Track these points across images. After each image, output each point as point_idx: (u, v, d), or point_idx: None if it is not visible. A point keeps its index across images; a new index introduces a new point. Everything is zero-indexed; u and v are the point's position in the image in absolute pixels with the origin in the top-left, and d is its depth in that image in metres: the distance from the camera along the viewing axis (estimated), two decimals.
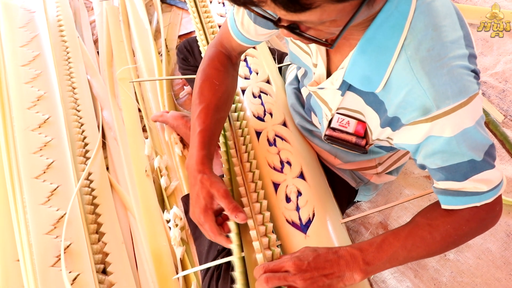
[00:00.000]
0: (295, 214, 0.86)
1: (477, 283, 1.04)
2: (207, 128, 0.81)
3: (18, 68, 1.39)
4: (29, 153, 1.21)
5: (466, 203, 0.67)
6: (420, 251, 0.70)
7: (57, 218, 1.12)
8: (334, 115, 0.76)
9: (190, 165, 0.78)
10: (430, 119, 0.59)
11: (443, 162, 0.64)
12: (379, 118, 0.68)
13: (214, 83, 0.85)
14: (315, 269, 0.67)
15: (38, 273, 1.02)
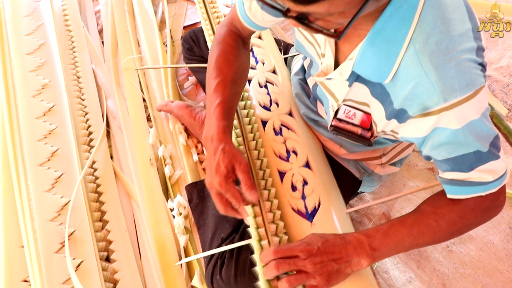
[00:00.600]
0: (301, 203, 0.85)
1: (479, 275, 1.04)
2: (225, 100, 0.80)
3: (23, 57, 1.38)
4: (34, 141, 1.20)
5: (471, 193, 0.67)
6: (426, 238, 0.70)
7: (61, 205, 1.12)
8: (340, 106, 0.76)
9: (210, 135, 0.76)
10: (437, 112, 0.59)
11: (449, 154, 0.64)
12: (384, 110, 0.68)
13: (229, 57, 0.85)
14: (325, 253, 0.67)
15: (42, 259, 1.01)
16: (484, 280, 1.03)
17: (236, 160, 0.74)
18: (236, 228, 0.94)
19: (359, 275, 0.73)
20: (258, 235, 0.76)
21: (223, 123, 0.77)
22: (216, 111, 0.78)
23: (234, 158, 0.74)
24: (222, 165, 0.72)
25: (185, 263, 1.08)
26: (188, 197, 1.15)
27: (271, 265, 0.68)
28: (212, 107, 0.79)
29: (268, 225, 0.78)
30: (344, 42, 0.69)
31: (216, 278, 0.90)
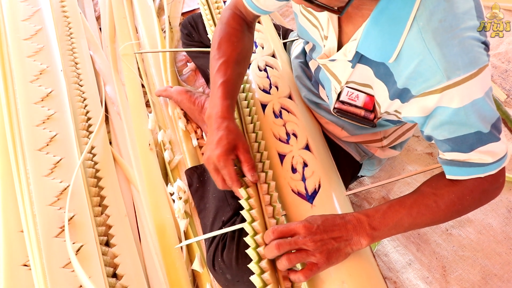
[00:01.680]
0: (301, 184, 0.85)
1: (478, 257, 1.04)
2: (229, 80, 0.80)
3: (20, 42, 1.36)
4: (32, 126, 1.19)
5: (470, 174, 0.67)
6: (425, 218, 0.70)
7: (60, 190, 1.10)
8: (343, 89, 0.75)
9: (214, 114, 0.76)
10: (440, 90, 0.58)
11: (450, 134, 0.63)
12: (387, 90, 0.67)
13: (232, 39, 0.85)
14: (324, 232, 0.66)
15: (42, 244, 1.00)
16: (483, 263, 1.03)
17: (240, 139, 0.74)
18: (237, 211, 0.94)
19: (359, 257, 0.73)
20: (251, 217, 0.74)
21: (226, 102, 0.77)
22: (220, 90, 0.78)
23: (238, 137, 0.74)
24: (225, 141, 0.72)
25: (186, 247, 1.08)
26: (188, 181, 1.14)
27: (272, 245, 0.67)
28: (215, 86, 0.79)
29: (265, 207, 0.77)
30: (348, 23, 0.68)
31: (218, 260, 0.89)
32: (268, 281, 0.66)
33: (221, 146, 0.72)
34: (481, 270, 1.03)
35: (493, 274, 1.02)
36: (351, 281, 0.68)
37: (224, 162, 0.71)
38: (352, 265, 0.70)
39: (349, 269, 0.70)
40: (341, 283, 0.68)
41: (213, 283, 1.03)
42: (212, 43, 0.87)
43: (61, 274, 0.98)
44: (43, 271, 0.97)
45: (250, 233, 0.72)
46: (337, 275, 0.69)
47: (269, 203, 0.79)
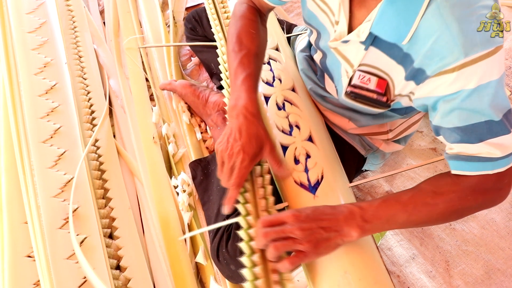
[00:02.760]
0: (304, 175, 0.84)
1: (482, 252, 1.04)
2: (252, 73, 0.79)
3: (24, 35, 1.35)
4: (37, 118, 1.18)
5: (478, 170, 0.64)
6: (421, 216, 0.67)
7: (64, 182, 1.10)
8: (355, 72, 0.74)
9: (241, 106, 0.74)
10: (457, 68, 0.57)
11: (460, 121, 0.62)
12: (404, 70, 0.66)
13: (250, 31, 0.84)
14: (314, 220, 0.64)
15: (46, 235, 1.00)
16: (486, 257, 1.03)
17: (267, 140, 0.73)
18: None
19: (361, 247, 0.72)
20: (246, 211, 0.73)
21: (254, 96, 0.76)
22: (246, 84, 0.76)
23: (266, 137, 0.73)
24: (254, 143, 0.71)
25: (189, 240, 1.07)
26: (192, 174, 1.14)
27: (260, 234, 0.65)
28: (238, 79, 0.77)
29: (259, 201, 0.76)
30: (360, 8, 0.67)
31: (222, 251, 0.89)
32: (259, 275, 0.64)
33: (249, 148, 0.71)
34: (484, 264, 1.02)
35: (496, 269, 1.02)
36: (353, 271, 0.67)
37: (245, 169, 0.71)
38: (355, 255, 0.70)
39: (352, 259, 0.69)
40: (343, 273, 0.67)
41: (217, 275, 1.03)
42: (229, 36, 0.85)
43: (65, 265, 0.98)
44: (47, 262, 0.96)
45: (244, 227, 0.71)
46: (339, 265, 0.68)
47: (263, 196, 0.78)
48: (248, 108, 0.73)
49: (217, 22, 1.18)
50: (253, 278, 0.63)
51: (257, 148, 0.71)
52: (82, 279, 0.97)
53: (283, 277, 0.65)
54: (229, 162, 0.71)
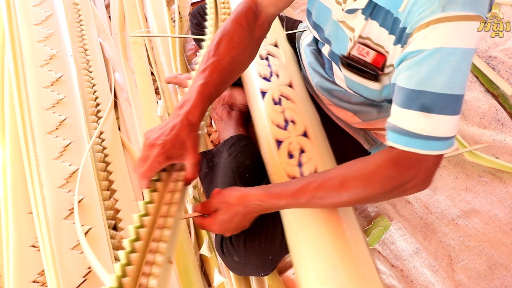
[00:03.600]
0: (297, 170, 0.84)
1: (484, 247, 1.04)
2: (211, 83, 0.74)
3: (30, 27, 1.35)
4: (42, 109, 1.18)
5: (408, 145, 0.60)
6: (325, 204, 0.69)
7: (69, 173, 1.10)
8: (355, 44, 0.73)
9: (183, 112, 0.71)
10: (431, 23, 0.56)
11: (410, 83, 0.59)
12: (394, 37, 0.66)
13: (233, 39, 0.79)
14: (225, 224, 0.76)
15: (51, 225, 1.00)
16: (489, 253, 1.03)
17: (192, 153, 0.70)
18: None
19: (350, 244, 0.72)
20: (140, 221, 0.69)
21: (201, 106, 0.72)
22: (199, 91, 0.73)
23: (193, 148, 0.70)
24: (177, 147, 0.69)
25: (194, 232, 1.07)
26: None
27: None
28: (197, 83, 0.74)
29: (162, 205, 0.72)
30: None
31: (226, 243, 0.89)
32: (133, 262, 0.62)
33: (170, 147, 0.68)
34: (487, 259, 1.03)
35: (499, 264, 1.02)
36: (343, 267, 0.68)
37: (158, 163, 0.68)
38: (345, 252, 0.70)
39: (342, 256, 0.70)
40: (333, 268, 0.68)
41: (221, 267, 1.02)
42: (214, 37, 0.81)
43: (70, 255, 0.98)
44: (52, 252, 0.96)
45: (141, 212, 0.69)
46: (329, 260, 0.69)
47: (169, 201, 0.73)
48: (189, 115, 0.71)
49: (213, 17, 1.16)
50: (126, 263, 0.61)
51: (176, 152, 0.69)
52: (87, 269, 0.97)
53: (152, 271, 0.63)
54: (146, 151, 0.70)
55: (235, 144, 1.10)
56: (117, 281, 0.58)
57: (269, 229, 0.87)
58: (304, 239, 0.74)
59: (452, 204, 1.10)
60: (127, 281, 0.59)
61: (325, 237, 0.72)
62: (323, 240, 0.72)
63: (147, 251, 0.65)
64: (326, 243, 0.71)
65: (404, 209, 1.11)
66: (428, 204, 1.11)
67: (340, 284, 0.66)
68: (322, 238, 0.72)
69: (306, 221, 0.75)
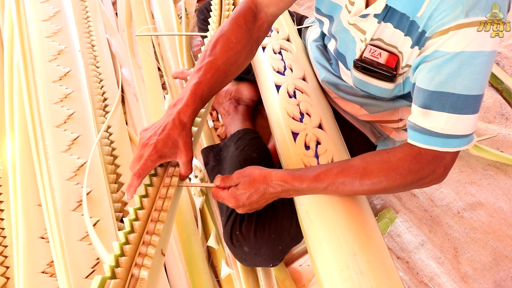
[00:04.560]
0: (314, 160, 0.84)
1: (490, 239, 1.04)
2: (204, 82, 0.74)
3: (39, 23, 1.35)
4: (51, 103, 1.18)
5: (428, 143, 0.63)
6: (346, 191, 0.70)
7: (77, 165, 1.10)
8: (367, 46, 0.74)
9: (176, 110, 0.71)
10: (452, 28, 0.57)
11: (431, 85, 0.61)
12: (411, 39, 0.66)
13: (230, 39, 0.78)
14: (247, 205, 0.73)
15: (60, 217, 1.00)
16: (494, 245, 1.03)
17: (186, 151, 0.70)
18: None
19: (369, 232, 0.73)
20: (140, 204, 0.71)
21: (194, 106, 0.72)
22: (193, 90, 0.73)
23: (185, 147, 0.70)
24: (169, 146, 0.69)
25: (201, 224, 1.07)
26: (204, 160, 1.14)
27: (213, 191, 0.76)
28: (192, 81, 0.74)
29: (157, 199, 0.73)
30: None
31: (236, 233, 0.89)
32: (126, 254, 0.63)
33: (162, 147, 0.68)
34: (492, 252, 1.02)
35: (504, 256, 1.02)
36: (362, 254, 0.69)
37: (151, 162, 0.68)
38: (363, 239, 0.71)
39: (360, 243, 0.70)
40: (352, 255, 0.68)
41: (228, 259, 1.02)
42: (212, 36, 0.81)
43: (78, 246, 0.98)
44: (61, 244, 0.96)
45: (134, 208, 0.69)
46: (349, 247, 0.70)
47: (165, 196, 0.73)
48: (181, 114, 0.71)
49: (216, 13, 1.16)
50: (120, 254, 0.62)
51: (169, 151, 0.69)
52: (95, 260, 0.97)
53: (144, 263, 0.63)
54: (140, 150, 0.70)
55: (242, 137, 1.10)
56: (111, 271, 0.59)
57: (279, 219, 0.87)
58: (322, 226, 0.75)
59: (457, 197, 1.10)
60: (120, 272, 0.60)
61: (343, 224, 0.73)
62: (342, 227, 0.72)
63: (141, 243, 0.65)
64: (344, 230, 0.72)
65: (410, 201, 1.11)
66: (434, 197, 1.11)
67: (360, 270, 0.67)
68: (341, 226, 0.72)
69: (324, 209, 0.76)
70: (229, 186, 0.74)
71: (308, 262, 1.02)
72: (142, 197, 0.70)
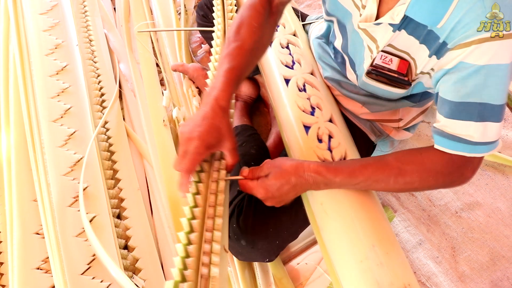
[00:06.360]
0: (328, 153, 0.83)
1: (487, 239, 1.03)
2: (236, 67, 0.74)
3: (36, 16, 1.33)
4: (48, 98, 1.17)
5: (456, 149, 0.64)
6: (378, 187, 0.71)
7: (74, 161, 1.08)
8: (378, 53, 0.73)
9: (213, 96, 0.70)
10: (476, 42, 0.57)
11: (456, 96, 0.62)
12: (427, 48, 0.66)
13: (252, 24, 0.78)
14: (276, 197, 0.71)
15: (56, 212, 0.98)
16: (491, 245, 1.03)
17: (229, 137, 0.69)
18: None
19: (386, 224, 0.73)
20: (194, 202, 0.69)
21: (229, 89, 0.71)
22: (226, 76, 0.72)
23: (228, 133, 0.69)
24: (214, 135, 0.67)
25: None
26: None
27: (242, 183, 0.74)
28: (222, 69, 0.73)
29: (209, 195, 0.71)
30: None
31: (233, 226, 0.87)
32: (191, 254, 0.61)
33: (206, 137, 0.66)
34: (489, 251, 1.02)
35: (501, 256, 1.01)
36: (380, 245, 0.68)
37: (198, 155, 0.66)
38: (381, 232, 0.71)
39: (379, 236, 0.70)
40: (371, 247, 0.68)
41: None
42: (231, 25, 0.81)
43: (74, 242, 0.96)
44: (57, 239, 0.94)
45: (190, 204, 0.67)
46: (367, 239, 0.69)
47: (215, 191, 0.72)
48: (219, 100, 0.69)
49: (219, 7, 1.15)
50: (185, 255, 0.60)
51: (214, 140, 0.67)
52: (91, 256, 0.96)
53: (212, 261, 0.62)
54: (184, 146, 0.68)
55: (240, 133, 1.09)
56: (180, 274, 0.57)
57: (278, 214, 0.86)
58: (339, 218, 0.74)
59: (455, 196, 1.10)
60: (190, 273, 0.58)
61: (360, 216, 0.72)
62: (359, 219, 0.72)
63: (203, 242, 0.64)
64: (362, 222, 0.71)
65: (408, 201, 1.10)
66: (432, 196, 1.10)
67: (380, 262, 0.67)
68: (358, 217, 0.72)
69: (340, 201, 0.75)
70: (258, 176, 0.72)
71: (306, 260, 1.01)
72: (194, 195, 0.68)
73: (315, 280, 0.99)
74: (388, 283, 0.65)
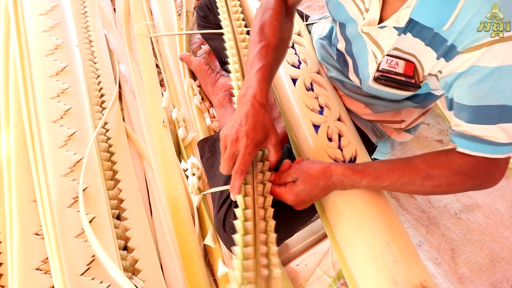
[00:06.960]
0: (338, 152, 0.84)
1: (486, 241, 1.04)
2: (268, 65, 0.76)
3: (36, 17, 1.33)
4: (47, 98, 1.16)
5: (479, 151, 0.64)
6: (405, 190, 0.71)
7: (74, 161, 1.08)
8: (384, 57, 0.73)
9: (250, 95, 0.71)
10: (486, 44, 0.57)
11: (473, 100, 0.61)
12: (433, 50, 0.66)
13: (274, 23, 0.81)
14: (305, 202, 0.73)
15: (56, 213, 0.98)
16: (490, 246, 1.03)
17: (273, 131, 0.71)
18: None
19: (399, 223, 0.74)
20: (244, 204, 0.70)
21: (265, 87, 0.73)
22: (259, 74, 0.74)
23: (272, 128, 0.71)
24: (259, 131, 0.68)
25: (198, 222, 1.06)
26: (200, 153, 1.13)
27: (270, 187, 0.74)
28: (253, 69, 0.75)
29: (257, 197, 0.73)
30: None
31: (229, 221, 0.87)
32: (249, 256, 0.63)
33: (254, 135, 0.68)
34: (489, 253, 1.02)
35: (500, 258, 1.01)
36: (395, 243, 0.69)
37: (249, 155, 0.67)
38: (395, 230, 0.72)
39: (393, 233, 0.71)
40: (386, 244, 0.69)
41: (225, 258, 1.01)
42: (253, 26, 0.84)
43: (74, 243, 0.96)
44: (56, 240, 0.94)
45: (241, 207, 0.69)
46: (382, 237, 0.70)
47: (261, 193, 0.74)
48: (257, 97, 0.71)
49: (224, 9, 1.15)
50: (243, 258, 0.62)
51: (261, 136, 0.69)
52: (91, 257, 0.95)
53: (271, 262, 0.64)
54: (232, 148, 0.68)
55: None
56: (241, 276, 0.58)
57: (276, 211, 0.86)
58: (353, 216, 0.74)
59: (455, 198, 1.10)
60: (251, 275, 0.58)
61: (374, 214, 0.73)
62: (373, 216, 0.72)
63: (258, 243, 0.64)
64: (376, 219, 0.72)
65: (407, 202, 1.10)
66: (431, 198, 1.11)
67: (395, 259, 0.67)
68: (372, 215, 0.73)
69: (353, 200, 0.75)
70: (285, 181, 0.73)
71: (305, 261, 1.01)
72: (244, 197, 0.69)
73: (314, 282, 0.99)
74: (404, 279, 0.66)
